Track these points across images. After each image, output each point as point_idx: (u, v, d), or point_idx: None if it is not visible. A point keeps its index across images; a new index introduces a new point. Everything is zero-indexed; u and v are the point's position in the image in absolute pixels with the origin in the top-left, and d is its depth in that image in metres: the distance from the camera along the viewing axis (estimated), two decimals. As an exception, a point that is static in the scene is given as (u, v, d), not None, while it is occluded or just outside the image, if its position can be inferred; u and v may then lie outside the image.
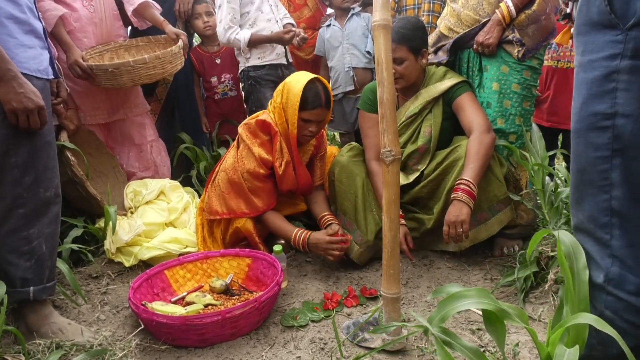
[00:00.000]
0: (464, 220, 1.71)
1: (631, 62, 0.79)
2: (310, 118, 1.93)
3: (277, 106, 1.96)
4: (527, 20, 1.90)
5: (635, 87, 0.79)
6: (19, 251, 1.45)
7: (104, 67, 2.22)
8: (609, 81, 0.82)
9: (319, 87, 1.92)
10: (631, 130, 0.80)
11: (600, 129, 0.84)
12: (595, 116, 0.85)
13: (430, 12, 2.55)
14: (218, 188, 2.02)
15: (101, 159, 2.49)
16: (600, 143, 0.85)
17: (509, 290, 1.75)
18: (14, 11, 1.43)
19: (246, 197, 1.97)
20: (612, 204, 0.85)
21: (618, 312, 0.87)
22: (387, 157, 1.36)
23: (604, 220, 0.87)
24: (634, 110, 0.80)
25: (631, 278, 0.85)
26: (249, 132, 1.99)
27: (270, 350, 1.49)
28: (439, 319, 0.89)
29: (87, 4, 2.31)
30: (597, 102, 0.84)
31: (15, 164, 1.42)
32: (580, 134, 0.89)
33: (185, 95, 3.02)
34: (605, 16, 0.81)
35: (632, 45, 0.78)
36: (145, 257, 2.03)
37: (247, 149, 1.98)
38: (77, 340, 1.49)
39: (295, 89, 1.89)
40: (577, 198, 0.93)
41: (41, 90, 1.44)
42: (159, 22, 2.53)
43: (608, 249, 0.87)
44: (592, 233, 0.90)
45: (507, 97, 1.97)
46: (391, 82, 1.34)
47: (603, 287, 0.89)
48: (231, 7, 2.66)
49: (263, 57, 2.72)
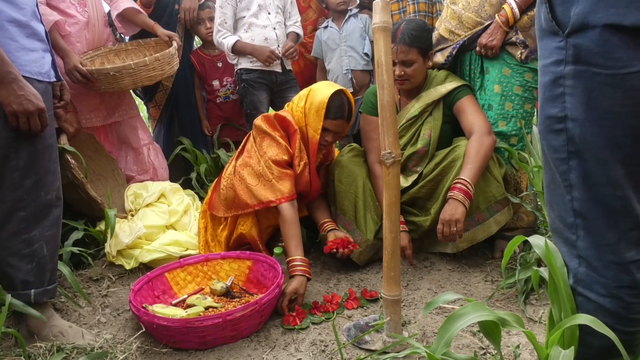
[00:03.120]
0: (458, 219, 1.72)
1: (573, 67, 0.81)
2: (330, 128, 1.94)
3: (299, 110, 1.96)
4: (530, 22, 1.90)
5: (579, 91, 0.81)
6: (20, 254, 1.45)
7: (105, 70, 2.23)
8: (557, 86, 0.84)
9: (344, 100, 1.94)
10: (579, 134, 0.82)
11: (555, 131, 0.86)
12: (550, 119, 0.87)
13: (417, 13, 2.54)
14: (244, 182, 1.96)
15: (100, 161, 2.50)
16: (557, 145, 0.87)
17: (509, 292, 1.75)
18: (15, 14, 1.44)
19: (271, 185, 1.90)
20: (574, 205, 0.86)
21: (590, 312, 0.87)
22: (388, 160, 1.36)
23: (570, 220, 0.88)
24: (580, 115, 0.81)
25: (598, 278, 0.86)
26: (268, 123, 1.98)
27: (271, 353, 1.48)
28: (443, 344, 0.90)
29: (81, 10, 2.33)
30: (550, 106, 0.87)
31: (16, 167, 1.42)
32: (542, 136, 0.91)
33: (184, 101, 3.03)
34: (549, 23, 0.83)
35: (571, 51, 0.80)
36: (145, 260, 2.03)
37: (269, 138, 1.96)
38: (78, 343, 1.49)
39: (321, 97, 1.91)
40: (549, 198, 0.94)
41: (42, 93, 1.45)
42: (150, 25, 2.58)
43: (575, 250, 0.89)
44: (562, 233, 0.92)
45: (509, 100, 1.97)
46: (391, 84, 1.35)
47: (574, 288, 0.90)
48: (223, 11, 2.69)
49: (255, 62, 2.71)
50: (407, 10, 2.55)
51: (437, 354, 0.91)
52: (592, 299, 0.88)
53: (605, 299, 0.86)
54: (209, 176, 2.83)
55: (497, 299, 1.73)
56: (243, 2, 2.70)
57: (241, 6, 2.72)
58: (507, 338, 1.46)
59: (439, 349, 0.91)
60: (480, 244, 2.00)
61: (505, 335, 1.48)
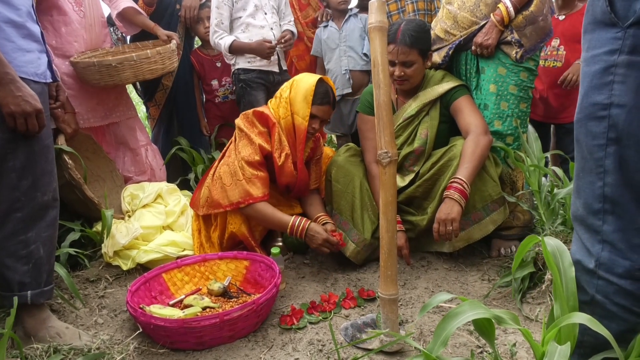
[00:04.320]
0: (454, 218, 1.72)
1: (628, 57, 0.87)
2: (317, 114, 1.99)
3: (284, 100, 2.00)
4: (524, 21, 1.91)
5: (630, 80, 0.86)
6: (17, 255, 1.45)
7: (107, 62, 2.23)
8: (607, 74, 0.89)
9: (328, 86, 2.02)
10: (624, 120, 0.87)
11: (598, 118, 0.91)
12: (594, 106, 0.92)
13: (416, 12, 2.54)
14: (219, 181, 2.01)
15: (99, 162, 2.50)
16: (597, 132, 0.91)
17: (506, 290, 1.75)
18: (11, 15, 1.43)
19: (241, 186, 1.94)
20: (605, 191, 0.92)
21: (608, 295, 0.93)
22: (384, 159, 1.36)
23: (597, 207, 0.93)
24: (628, 102, 0.87)
25: (621, 261, 0.91)
26: (246, 122, 2.03)
27: (268, 353, 1.49)
28: (440, 344, 0.91)
29: (77, 9, 2.33)
30: (596, 93, 0.91)
31: (12, 168, 1.42)
32: (581, 123, 0.95)
33: (184, 101, 3.04)
34: (607, 15, 0.89)
35: (630, 42, 0.86)
36: (142, 261, 2.03)
37: (245, 137, 2.00)
38: (75, 344, 1.49)
39: (307, 84, 1.97)
40: (577, 186, 0.99)
41: (39, 94, 1.45)
42: (150, 26, 2.60)
43: (599, 235, 0.94)
44: (585, 220, 0.97)
45: (505, 99, 1.98)
46: (387, 83, 1.35)
47: (594, 272, 0.95)
48: (219, 12, 2.69)
49: (253, 62, 2.73)
50: (406, 10, 2.55)
51: (434, 353, 0.91)
52: (613, 282, 0.92)
53: (627, 281, 0.91)
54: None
55: (494, 298, 1.73)
56: (239, 3, 2.70)
57: (237, 7, 2.72)
58: (504, 336, 1.47)
59: (435, 348, 0.91)
60: (476, 243, 2.01)
61: (502, 334, 1.48)
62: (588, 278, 0.96)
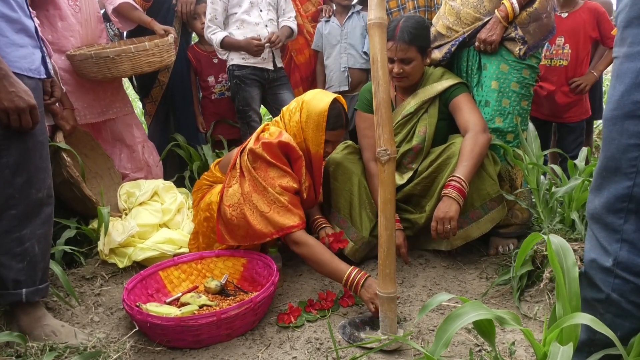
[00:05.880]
0: (452, 217, 1.72)
1: None
2: (331, 139, 1.90)
3: (295, 125, 1.87)
4: (528, 18, 1.90)
5: None
6: (12, 253, 1.43)
7: (104, 54, 2.22)
8: None
9: (340, 108, 1.88)
10: None
11: (638, 117, 0.88)
12: (635, 104, 0.88)
13: (417, 9, 2.53)
14: (256, 210, 1.78)
15: (96, 160, 2.48)
16: (635, 131, 0.88)
17: (504, 289, 1.75)
18: (4, 9, 1.41)
19: (289, 210, 1.77)
20: (634, 191, 0.89)
21: (624, 294, 0.92)
22: (383, 156, 1.35)
23: (620, 206, 0.91)
24: None
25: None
26: (271, 154, 1.81)
27: (266, 351, 1.48)
28: (442, 346, 0.90)
29: (72, 3, 2.32)
30: (638, 91, 0.88)
31: (6, 165, 1.40)
32: (616, 121, 0.91)
33: (180, 97, 3.03)
34: None
35: None
36: (139, 258, 2.02)
37: (275, 167, 1.81)
38: (71, 343, 1.48)
39: (318, 109, 1.82)
40: (599, 184, 0.97)
41: (33, 90, 1.43)
42: (147, 21, 2.60)
43: (618, 234, 0.92)
44: (604, 219, 0.95)
45: (506, 96, 1.97)
46: (387, 81, 1.34)
47: (611, 271, 0.93)
48: (213, 7, 2.70)
49: (247, 58, 2.72)
50: (406, 7, 2.54)
51: (435, 355, 0.90)
52: (631, 280, 0.91)
53: None
54: (202, 174, 2.81)
55: (492, 296, 1.73)
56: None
57: (232, 3, 2.72)
58: (502, 335, 1.46)
59: (437, 350, 0.90)
60: (474, 241, 2.00)
61: (500, 332, 1.48)
62: (604, 276, 0.94)
